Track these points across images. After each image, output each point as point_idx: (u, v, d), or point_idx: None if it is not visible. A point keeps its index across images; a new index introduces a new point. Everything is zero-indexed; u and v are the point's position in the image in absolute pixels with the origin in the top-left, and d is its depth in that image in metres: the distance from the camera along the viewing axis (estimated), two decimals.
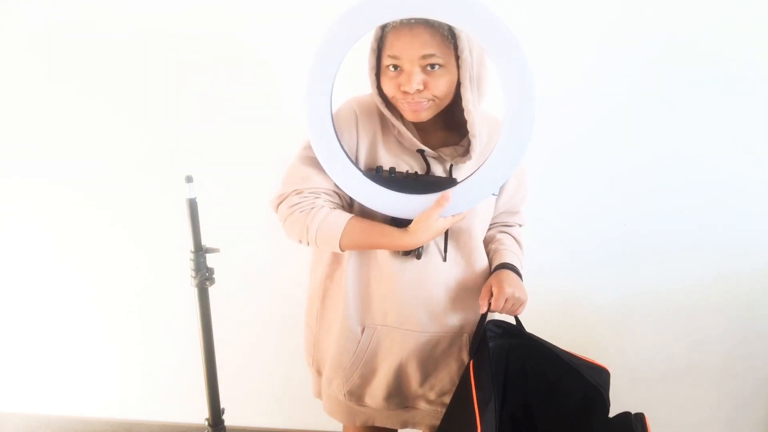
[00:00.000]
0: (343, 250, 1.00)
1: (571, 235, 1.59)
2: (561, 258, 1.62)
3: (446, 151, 1.01)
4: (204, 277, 1.14)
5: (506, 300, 1.02)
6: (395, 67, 0.91)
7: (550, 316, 1.64)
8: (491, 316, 1.08)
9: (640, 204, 1.55)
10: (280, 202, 1.03)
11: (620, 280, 1.63)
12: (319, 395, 1.24)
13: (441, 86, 0.91)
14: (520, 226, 1.22)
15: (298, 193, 1.00)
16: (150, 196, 1.64)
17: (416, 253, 1.02)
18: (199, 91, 1.53)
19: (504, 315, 1.08)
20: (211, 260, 1.16)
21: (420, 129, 1.02)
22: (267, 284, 1.72)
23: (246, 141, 1.56)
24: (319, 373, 1.20)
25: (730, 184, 1.52)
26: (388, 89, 0.93)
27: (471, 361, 1.03)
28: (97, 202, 1.67)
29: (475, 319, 1.08)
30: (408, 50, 0.88)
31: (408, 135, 0.97)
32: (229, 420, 1.30)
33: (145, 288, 1.76)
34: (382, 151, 1.01)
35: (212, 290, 1.18)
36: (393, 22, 0.88)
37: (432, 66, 0.89)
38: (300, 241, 1.02)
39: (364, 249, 1.03)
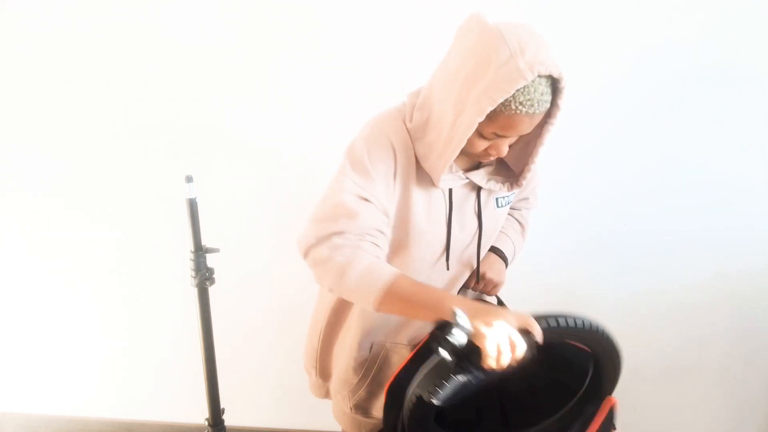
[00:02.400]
0: (376, 310, 0.82)
1: (572, 234, 1.59)
2: (561, 258, 1.62)
3: (479, 176, 0.96)
4: (204, 277, 1.14)
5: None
6: (493, 138, 0.84)
7: None
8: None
9: (640, 204, 1.55)
10: (314, 245, 0.86)
11: (620, 279, 1.63)
12: (326, 395, 1.23)
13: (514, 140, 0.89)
14: (528, 209, 1.22)
15: (340, 234, 0.85)
16: (150, 196, 1.64)
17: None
18: (199, 91, 1.53)
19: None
20: (211, 260, 1.16)
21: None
22: (267, 284, 1.72)
23: (246, 141, 1.56)
24: (323, 377, 1.19)
25: (731, 184, 1.52)
26: (477, 147, 0.85)
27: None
28: (97, 202, 1.67)
29: None
30: (519, 134, 0.83)
31: (438, 179, 0.90)
32: (229, 420, 1.30)
33: (145, 288, 1.76)
34: (414, 188, 0.93)
35: (212, 290, 1.18)
36: (519, 108, 0.77)
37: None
38: (331, 290, 0.88)
39: (401, 314, 0.86)
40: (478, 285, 1.07)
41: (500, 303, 1.15)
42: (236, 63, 1.49)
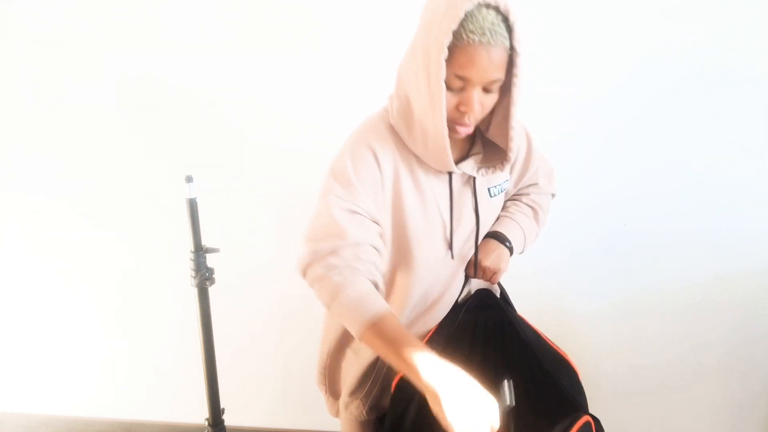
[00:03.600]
0: (359, 340, 0.82)
1: (573, 235, 1.59)
2: (562, 258, 1.61)
3: (468, 166, 0.96)
4: (204, 277, 1.14)
5: (473, 266, 1.04)
6: (458, 86, 0.83)
7: (549, 315, 1.64)
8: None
9: (641, 205, 1.55)
10: (310, 264, 0.87)
11: (621, 280, 1.63)
12: (337, 414, 1.22)
13: (490, 105, 0.87)
14: (541, 194, 1.18)
15: (334, 254, 0.85)
16: (150, 196, 1.64)
17: None
18: (199, 91, 1.53)
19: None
20: (211, 260, 1.16)
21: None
22: (267, 284, 1.71)
23: (246, 141, 1.56)
24: (333, 395, 1.19)
25: (732, 185, 1.52)
26: (448, 105, 0.84)
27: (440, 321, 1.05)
28: (97, 202, 1.67)
29: None
30: (481, 75, 0.80)
31: (449, 157, 0.88)
32: (229, 420, 1.30)
33: (145, 288, 1.76)
34: (405, 189, 0.92)
35: (212, 290, 1.18)
36: (470, 37, 0.77)
37: (491, 88, 0.84)
38: (326, 308, 0.86)
39: (379, 353, 0.86)
40: (477, 274, 1.05)
41: (503, 292, 1.14)
42: (236, 63, 1.49)
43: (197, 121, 1.56)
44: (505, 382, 0.73)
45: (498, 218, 1.11)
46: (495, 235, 1.08)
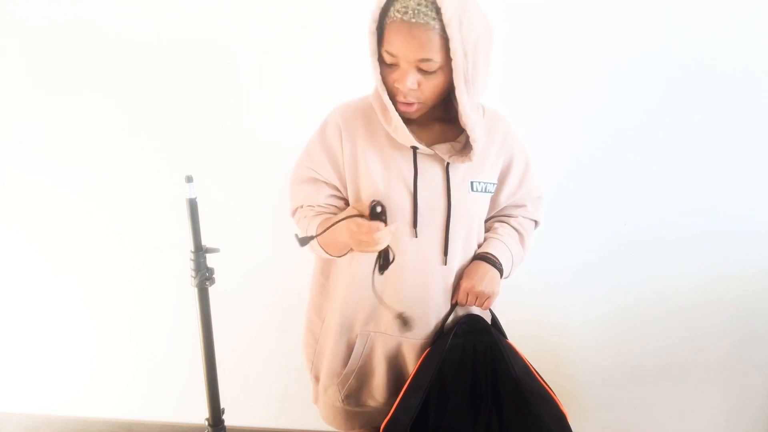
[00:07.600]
0: (324, 250, 1.04)
1: (573, 237, 1.59)
2: (560, 258, 1.62)
3: (442, 148, 0.98)
4: (204, 277, 1.13)
5: (468, 293, 1.01)
6: (392, 63, 0.89)
7: (549, 315, 1.64)
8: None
9: (640, 206, 1.56)
10: (292, 213, 1.14)
11: (620, 281, 1.63)
12: (317, 401, 1.23)
13: (433, 88, 0.90)
14: (533, 221, 1.17)
15: (302, 208, 1.10)
16: (150, 196, 1.64)
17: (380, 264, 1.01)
18: (199, 91, 1.53)
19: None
20: (211, 260, 1.15)
21: (414, 122, 0.98)
22: (267, 284, 1.72)
23: (246, 141, 1.56)
24: (317, 379, 1.19)
25: (729, 187, 1.52)
26: (387, 82, 0.92)
27: (427, 349, 1.03)
28: (97, 202, 1.67)
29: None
30: (405, 51, 0.85)
31: (403, 129, 0.93)
32: (229, 420, 1.29)
33: (145, 288, 1.76)
34: (368, 152, 0.98)
35: (212, 290, 1.18)
36: (395, 15, 0.84)
37: (427, 68, 0.87)
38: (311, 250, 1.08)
39: (332, 247, 1.02)
40: (470, 298, 1.02)
41: (494, 319, 1.11)
42: (236, 62, 1.49)
43: (197, 120, 1.56)
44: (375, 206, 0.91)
45: (486, 239, 1.10)
46: (485, 257, 1.05)
